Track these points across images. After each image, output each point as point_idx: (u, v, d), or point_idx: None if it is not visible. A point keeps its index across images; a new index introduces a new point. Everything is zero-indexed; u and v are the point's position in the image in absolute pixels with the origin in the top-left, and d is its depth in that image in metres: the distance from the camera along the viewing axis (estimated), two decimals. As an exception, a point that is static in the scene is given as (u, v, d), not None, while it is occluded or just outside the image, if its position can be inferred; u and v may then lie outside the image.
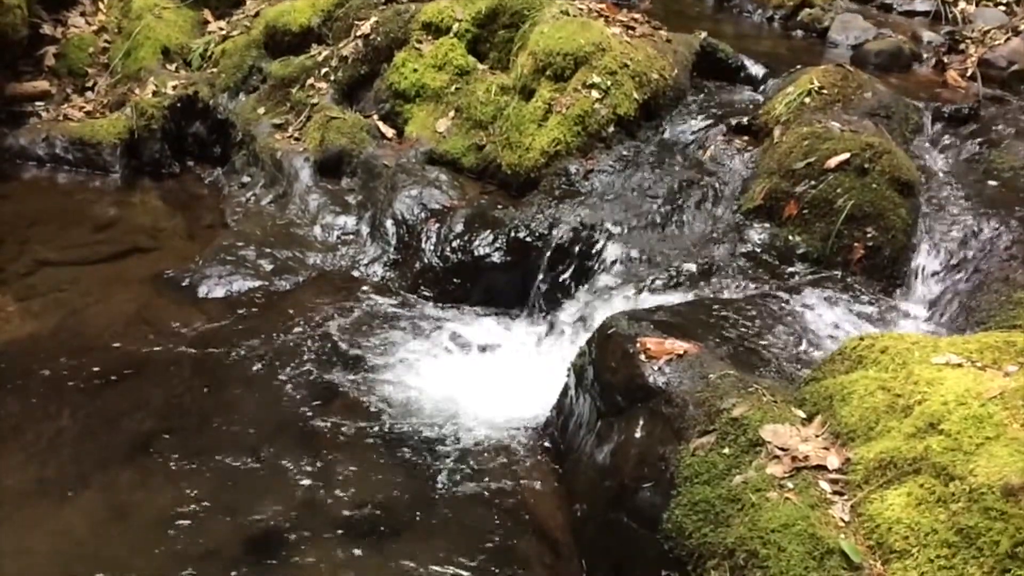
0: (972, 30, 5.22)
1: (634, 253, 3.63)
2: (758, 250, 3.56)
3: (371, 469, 2.96)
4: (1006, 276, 3.23)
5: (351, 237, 4.29)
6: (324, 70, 4.99)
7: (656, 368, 2.63)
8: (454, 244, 3.91)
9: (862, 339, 2.50)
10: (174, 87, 5.18)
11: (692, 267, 3.52)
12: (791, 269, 3.49)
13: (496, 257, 3.85)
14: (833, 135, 3.66)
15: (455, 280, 3.90)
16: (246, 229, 4.37)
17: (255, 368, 3.41)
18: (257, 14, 5.57)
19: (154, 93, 5.13)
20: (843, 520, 2.01)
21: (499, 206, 4.05)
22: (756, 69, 4.61)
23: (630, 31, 4.50)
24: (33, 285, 3.86)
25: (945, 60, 4.93)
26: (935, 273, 3.50)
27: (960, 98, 4.46)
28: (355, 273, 4.10)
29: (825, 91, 4.02)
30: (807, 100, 3.99)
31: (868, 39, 5.16)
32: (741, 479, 2.19)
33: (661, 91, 4.29)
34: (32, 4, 5.28)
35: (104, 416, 3.10)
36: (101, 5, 5.74)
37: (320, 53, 5.07)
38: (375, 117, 4.76)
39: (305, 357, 3.49)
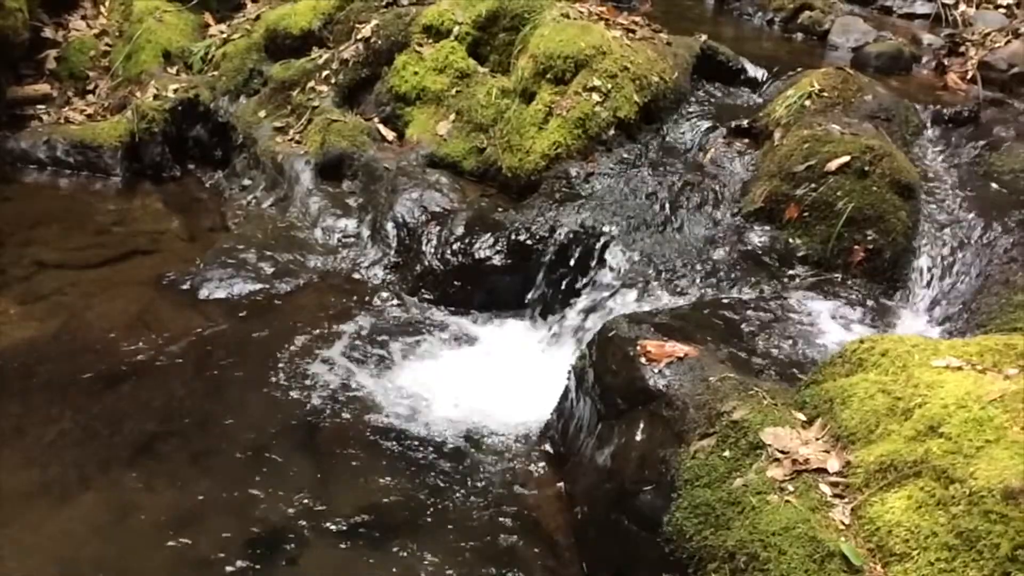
0: (972, 33, 5.22)
1: (635, 256, 3.64)
2: (758, 253, 3.56)
3: (372, 471, 2.97)
4: (1006, 279, 3.24)
5: (352, 240, 4.29)
6: (325, 73, 5.00)
7: (656, 371, 2.63)
8: (455, 247, 3.91)
9: (862, 342, 2.50)
10: (175, 90, 5.19)
11: (692, 270, 3.53)
12: (791, 272, 3.49)
13: (497, 260, 3.86)
14: (833, 138, 3.67)
15: (456, 283, 3.90)
16: (247, 232, 4.38)
17: (256, 370, 3.41)
18: (258, 17, 5.58)
19: (155, 96, 5.14)
20: (843, 523, 2.01)
21: (500, 209, 4.05)
22: (756, 72, 4.61)
23: (630, 34, 4.50)
24: (34, 288, 3.86)
25: (945, 63, 4.94)
26: (935, 276, 3.50)
27: (960, 101, 4.46)
28: (356, 276, 4.10)
29: (825, 94, 4.03)
30: (807, 103, 3.99)
31: (868, 42, 5.17)
32: (742, 482, 2.20)
33: (661, 94, 4.29)
34: (33, 7, 5.30)
35: (105, 418, 3.11)
36: (102, 8, 5.75)
37: (321, 56, 5.08)
38: (376, 120, 4.77)
39: (306, 360, 3.49)
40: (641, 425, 2.61)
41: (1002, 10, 5.56)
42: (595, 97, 4.15)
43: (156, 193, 4.94)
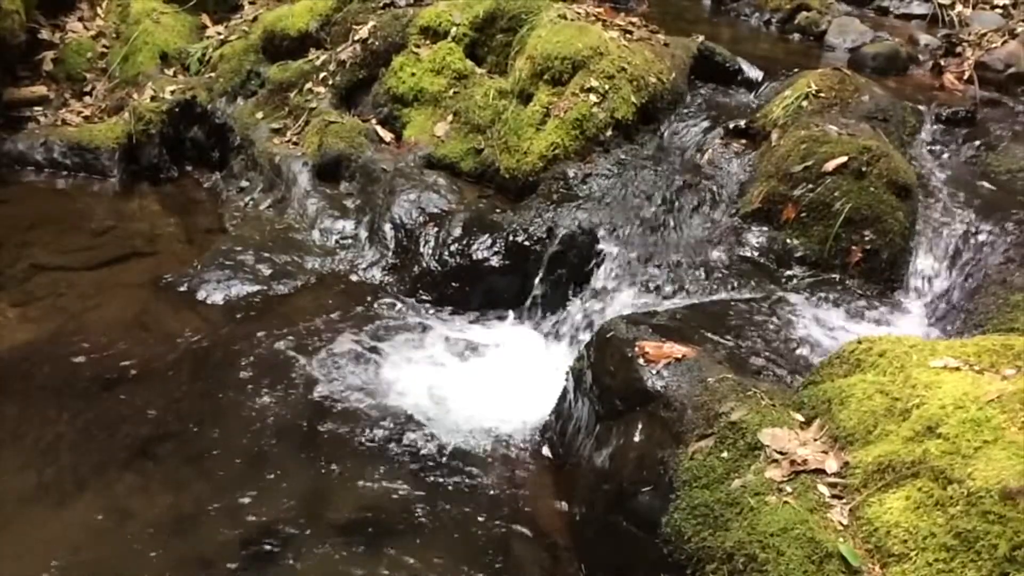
0: (969, 33, 5.23)
1: (632, 257, 3.64)
2: (756, 253, 3.56)
3: (369, 473, 2.96)
4: (1003, 279, 3.24)
5: (349, 241, 4.28)
6: (322, 74, 4.99)
7: (654, 372, 2.63)
8: (452, 248, 3.91)
9: (860, 342, 2.50)
10: (172, 92, 5.18)
11: (690, 270, 3.53)
12: (789, 272, 3.49)
13: (494, 261, 3.86)
14: (831, 138, 3.67)
15: (454, 284, 3.90)
16: (244, 233, 4.37)
17: (253, 372, 3.41)
18: (255, 19, 5.57)
19: (152, 98, 5.13)
20: (842, 524, 2.01)
21: (497, 210, 4.05)
22: (753, 72, 4.61)
23: (628, 35, 4.50)
24: (31, 290, 3.85)
25: (942, 63, 4.94)
26: (932, 276, 3.51)
27: (957, 101, 4.47)
28: (353, 277, 4.10)
29: (822, 94, 4.03)
30: (804, 103, 4.00)
31: (865, 42, 5.17)
32: (740, 483, 2.20)
33: (659, 95, 4.29)
34: (30, 9, 5.29)
35: (102, 421, 3.10)
36: (99, 10, 5.74)
37: (318, 57, 5.07)
38: (373, 121, 4.77)
39: (303, 362, 3.49)
40: (639, 426, 2.61)
41: (998, 10, 5.57)
42: (592, 98, 4.15)
43: (153, 195, 4.93)
